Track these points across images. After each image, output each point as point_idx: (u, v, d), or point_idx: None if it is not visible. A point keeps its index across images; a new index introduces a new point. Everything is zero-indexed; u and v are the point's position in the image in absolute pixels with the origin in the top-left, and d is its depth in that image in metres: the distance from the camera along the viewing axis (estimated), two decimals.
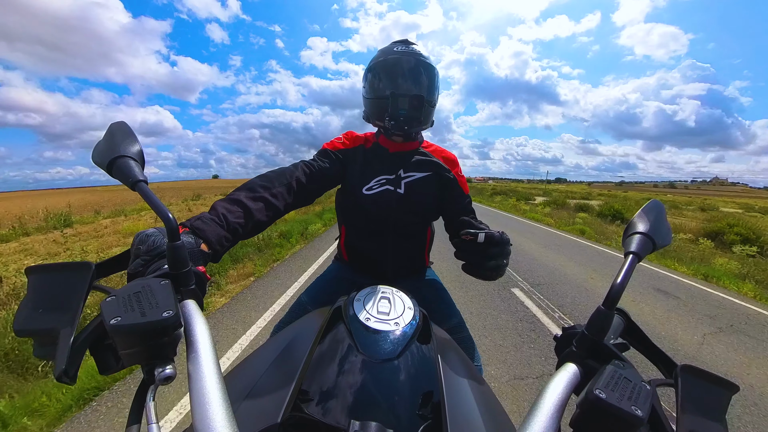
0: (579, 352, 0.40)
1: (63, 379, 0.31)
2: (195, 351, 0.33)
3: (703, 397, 0.35)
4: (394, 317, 0.50)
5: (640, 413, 0.30)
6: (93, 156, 0.46)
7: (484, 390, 0.51)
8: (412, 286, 1.02)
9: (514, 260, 5.29)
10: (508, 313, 3.34)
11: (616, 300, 0.38)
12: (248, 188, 0.76)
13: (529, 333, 2.92)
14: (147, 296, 0.34)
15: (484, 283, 3.93)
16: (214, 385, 0.31)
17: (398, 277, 1.02)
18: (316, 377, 0.42)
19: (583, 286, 4.38)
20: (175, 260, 0.41)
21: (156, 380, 0.32)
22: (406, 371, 0.44)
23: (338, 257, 1.13)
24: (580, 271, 5.15)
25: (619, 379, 0.33)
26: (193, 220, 0.62)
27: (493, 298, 3.70)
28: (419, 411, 0.40)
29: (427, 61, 0.92)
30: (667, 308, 3.80)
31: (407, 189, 0.94)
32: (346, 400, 0.39)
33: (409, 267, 1.04)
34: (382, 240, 0.96)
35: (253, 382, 0.44)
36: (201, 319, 0.37)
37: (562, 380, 0.36)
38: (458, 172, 1.01)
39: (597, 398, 0.30)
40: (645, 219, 0.46)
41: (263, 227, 0.76)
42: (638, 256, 0.42)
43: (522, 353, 2.56)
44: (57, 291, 0.35)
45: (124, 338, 0.31)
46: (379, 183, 0.94)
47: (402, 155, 0.97)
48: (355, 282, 1.01)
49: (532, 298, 3.77)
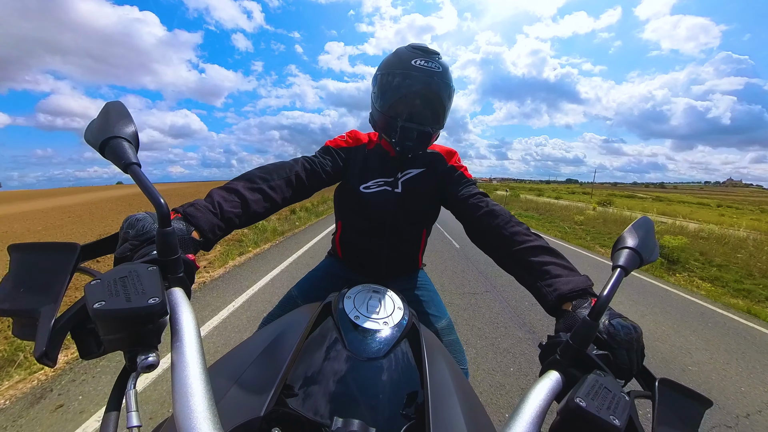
0: (562, 361, 0.41)
1: (43, 360, 0.30)
2: (180, 340, 0.33)
3: (679, 410, 0.36)
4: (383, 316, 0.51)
5: (618, 423, 0.30)
6: (86, 135, 0.45)
7: (468, 394, 0.51)
8: (403, 287, 1.02)
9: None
10: None
11: (602, 312, 0.39)
12: (247, 179, 0.75)
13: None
14: (133, 282, 0.34)
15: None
16: (197, 375, 0.30)
17: (390, 276, 1.02)
18: (301, 372, 0.42)
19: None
20: (165, 247, 0.40)
21: (138, 368, 0.31)
22: (391, 371, 0.44)
23: (332, 252, 1.13)
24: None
25: (599, 389, 0.33)
26: (186, 206, 0.61)
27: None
28: (403, 411, 0.40)
29: (450, 85, 0.87)
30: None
31: (404, 187, 0.94)
32: (331, 396, 0.39)
33: (402, 267, 1.04)
34: (377, 239, 0.96)
35: (238, 374, 0.44)
36: (188, 308, 0.37)
37: (545, 387, 0.37)
38: (457, 160, 0.99)
39: (577, 406, 0.31)
40: (634, 234, 0.47)
41: (259, 219, 0.75)
42: (626, 270, 0.43)
43: None
44: (40, 271, 0.34)
45: (107, 323, 0.31)
46: (377, 184, 0.94)
47: (402, 159, 0.98)
48: (347, 279, 1.01)
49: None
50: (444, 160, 0.98)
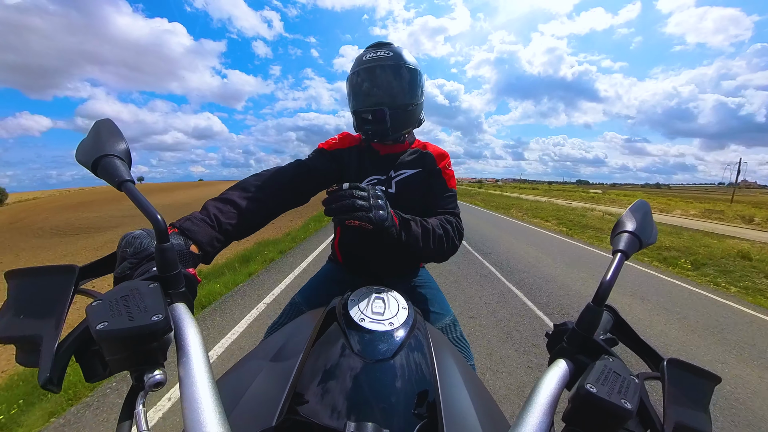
0: (570, 348, 0.41)
1: (48, 386, 0.29)
2: (186, 355, 0.33)
3: (688, 388, 0.36)
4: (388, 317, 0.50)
5: (630, 406, 0.30)
6: (77, 155, 0.44)
7: (478, 388, 0.51)
8: (406, 286, 1.02)
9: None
10: None
11: (605, 297, 0.39)
12: (242, 188, 0.74)
13: None
14: (135, 300, 0.33)
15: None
16: (206, 389, 0.30)
17: (392, 277, 1.02)
18: (310, 379, 0.42)
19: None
20: (164, 262, 0.40)
21: (146, 386, 0.31)
22: (401, 371, 0.44)
23: (332, 258, 1.13)
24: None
25: (608, 374, 0.34)
26: (182, 220, 0.61)
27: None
28: (415, 410, 0.40)
29: (394, 64, 0.88)
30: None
31: (398, 188, 0.94)
32: (342, 401, 0.39)
33: (402, 267, 1.04)
34: (375, 240, 0.96)
35: (247, 385, 0.43)
36: (192, 323, 0.36)
37: (554, 376, 0.37)
38: (445, 165, 0.99)
39: (588, 393, 0.31)
40: (632, 218, 0.47)
41: (257, 228, 0.74)
42: (626, 254, 0.43)
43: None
44: (40, 296, 0.34)
45: (112, 344, 0.30)
46: (371, 183, 0.94)
47: (392, 156, 0.98)
48: (350, 282, 1.01)
49: None
50: (434, 162, 0.99)
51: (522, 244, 7.32)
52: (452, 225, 0.85)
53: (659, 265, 6.15)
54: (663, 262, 6.33)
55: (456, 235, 0.85)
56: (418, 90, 0.94)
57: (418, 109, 0.97)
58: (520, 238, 8.23)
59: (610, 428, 0.32)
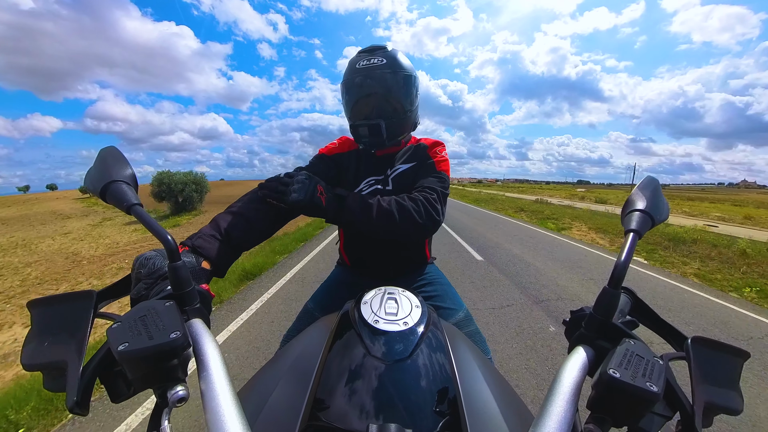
0: (589, 334, 0.40)
1: (75, 410, 0.30)
2: (206, 370, 0.33)
3: (715, 366, 0.35)
4: (402, 317, 0.50)
5: (656, 389, 0.30)
6: (85, 182, 0.46)
7: (498, 381, 0.51)
8: (416, 284, 1.02)
9: None
10: None
11: (621, 279, 0.38)
12: (248, 200, 0.76)
13: None
14: (153, 319, 0.34)
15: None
16: (228, 402, 0.30)
17: (401, 275, 1.02)
18: (329, 384, 0.42)
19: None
20: (178, 281, 0.41)
21: (169, 403, 0.32)
22: (419, 370, 0.44)
23: (340, 262, 1.13)
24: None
25: (631, 357, 0.33)
26: (193, 238, 0.62)
27: None
28: (436, 408, 0.40)
29: (389, 73, 0.86)
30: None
31: (394, 183, 0.94)
32: (362, 404, 0.39)
33: (410, 265, 1.04)
34: (381, 240, 0.96)
35: (267, 395, 0.44)
36: (209, 337, 0.37)
37: (575, 363, 0.36)
38: (437, 151, 0.95)
39: (611, 378, 0.30)
40: (642, 196, 0.46)
41: (265, 237, 0.75)
42: (638, 233, 0.42)
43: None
44: (61, 322, 0.35)
45: (134, 363, 0.31)
46: (369, 184, 0.95)
47: (389, 156, 0.98)
48: (359, 285, 1.01)
49: None
50: (426, 150, 0.97)
51: (474, 220, 11.31)
52: (417, 202, 0.78)
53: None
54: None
55: (419, 212, 0.76)
56: (413, 95, 0.93)
57: (413, 114, 0.96)
58: (476, 219, 12.03)
59: (637, 413, 0.31)
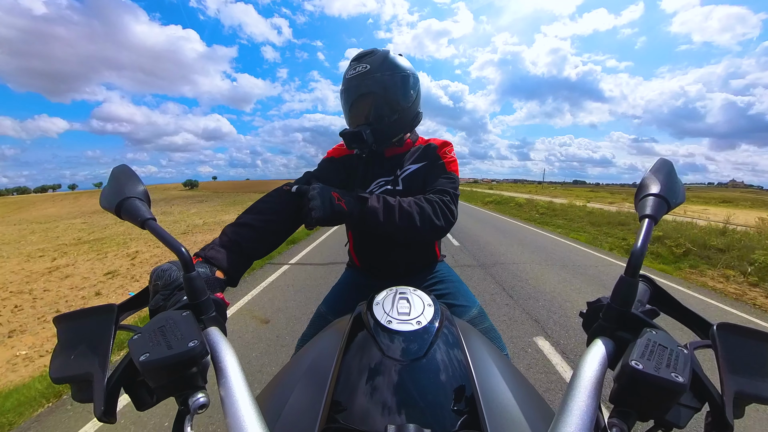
0: (608, 325, 0.39)
1: (103, 419, 0.31)
2: (225, 376, 0.34)
3: (744, 353, 0.34)
4: (415, 316, 0.50)
5: (681, 379, 0.29)
6: (101, 201, 0.47)
7: (516, 377, 0.50)
8: (427, 283, 1.01)
9: None
10: None
11: (638, 267, 0.37)
12: (257, 210, 0.77)
13: None
14: (171, 329, 0.35)
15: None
16: (248, 408, 0.31)
17: (412, 275, 1.01)
18: (346, 387, 0.42)
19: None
20: (193, 291, 0.42)
21: (191, 410, 0.32)
22: (435, 368, 0.43)
23: (350, 264, 1.14)
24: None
25: (654, 347, 0.32)
26: (206, 249, 0.64)
27: None
28: (454, 407, 0.39)
29: (383, 75, 0.86)
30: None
31: (405, 183, 0.94)
32: (380, 405, 0.39)
33: (421, 263, 1.04)
34: (390, 241, 0.96)
35: (285, 399, 0.44)
36: (226, 345, 0.38)
37: (595, 356, 0.35)
38: (446, 151, 0.97)
39: (634, 370, 0.29)
40: (656, 179, 0.45)
41: (275, 246, 0.76)
42: (654, 218, 0.41)
43: None
44: (85, 336, 0.36)
45: (155, 373, 0.32)
46: (379, 185, 0.95)
47: (397, 157, 0.98)
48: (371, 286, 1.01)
49: None
50: (436, 151, 0.97)
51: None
52: (433, 204, 0.81)
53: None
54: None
55: (436, 214, 0.80)
56: (406, 93, 0.91)
57: (409, 111, 0.93)
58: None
59: (663, 405, 0.30)
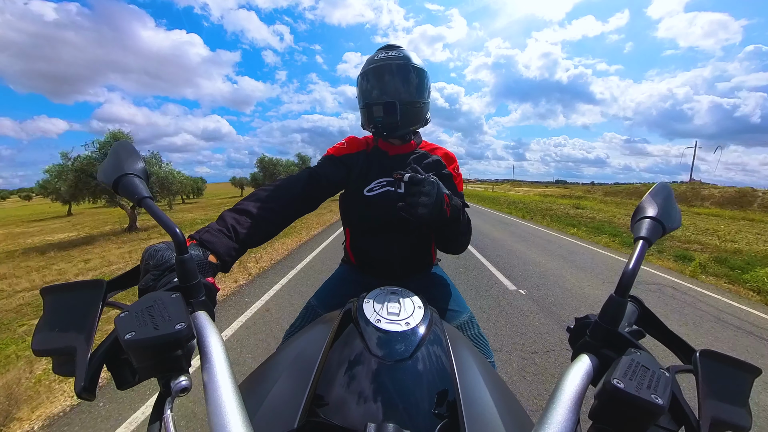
0: (594, 342, 0.39)
1: (83, 395, 0.31)
2: (209, 362, 0.34)
3: (724, 381, 0.34)
4: (404, 317, 0.50)
5: (660, 401, 0.29)
6: (98, 175, 0.47)
7: (499, 385, 0.50)
8: (420, 285, 1.01)
9: None
10: None
11: (629, 287, 0.38)
12: (257, 198, 0.77)
13: None
14: (159, 310, 0.35)
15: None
16: (229, 394, 0.31)
17: (406, 276, 1.01)
18: (330, 381, 0.42)
19: None
20: (184, 273, 0.41)
21: (172, 392, 0.32)
22: (419, 371, 0.43)
23: (345, 260, 1.14)
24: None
25: (636, 368, 0.32)
26: (201, 232, 0.63)
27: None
28: (435, 410, 0.40)
29: (403, 64, 0.93)
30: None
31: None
32: (361, 402, 0.39)
33: (415, 265, 1.04)
34: (387, 240, 0.96)
35: (268, 389, 0.44)
36: (213, 330, 0.38)
37: (579, 372, 0.36)
38: (455, 168, 1.02)
39: (615, 388, 0.30)
40: (653, 203, 0.45)
41: (271, 236, 0.76)
42: (649, 241, 0.41)
43: None
44: (72, 310, 0.36)
45: (139, 352, 0.32)
46: (380, 185, 0.95)
47: (401, 157, 0.98)
48: (363, 283, 1.01)
49: None
50: (443, 165, 1.00)
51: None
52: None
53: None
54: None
55: (469, 235, 0.92)
56: (425, 90, 0.97)
57: (425, 108, 0.99)
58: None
59: (641, 425, 0.30)
